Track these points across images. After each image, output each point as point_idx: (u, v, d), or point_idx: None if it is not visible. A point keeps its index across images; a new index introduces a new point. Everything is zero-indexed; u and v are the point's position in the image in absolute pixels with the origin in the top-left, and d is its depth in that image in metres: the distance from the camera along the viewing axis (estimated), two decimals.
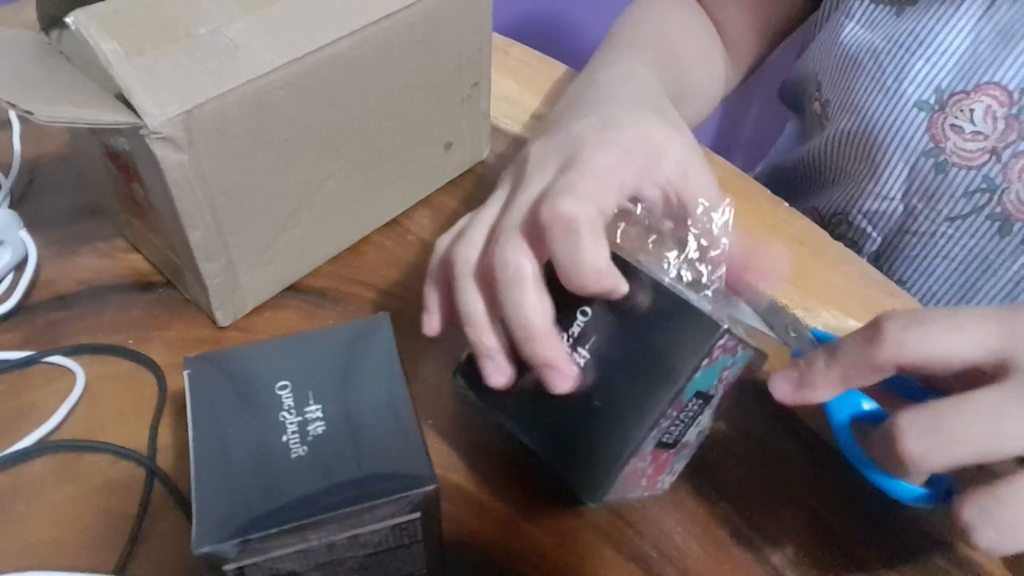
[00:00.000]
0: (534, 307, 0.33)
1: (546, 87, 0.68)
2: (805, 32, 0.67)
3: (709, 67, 0.62)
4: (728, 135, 1.56)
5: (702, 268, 0.36)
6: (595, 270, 0.32)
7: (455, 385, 0.39)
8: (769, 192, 0.58)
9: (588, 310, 0.35)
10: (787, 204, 0.57)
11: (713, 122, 1.54)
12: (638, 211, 0.36)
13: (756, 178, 0.62)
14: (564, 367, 0.33)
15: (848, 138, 0.59)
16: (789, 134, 0.77)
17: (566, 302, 0.35)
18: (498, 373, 0.35)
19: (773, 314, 0.37)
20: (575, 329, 0.35)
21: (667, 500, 0.41)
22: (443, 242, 0.40)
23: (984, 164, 0.52)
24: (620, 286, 0.33)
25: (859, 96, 0.56)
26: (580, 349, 0.35)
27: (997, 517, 0.29)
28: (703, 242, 0.35)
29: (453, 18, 0.51)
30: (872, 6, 0.56)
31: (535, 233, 0.34)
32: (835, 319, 0.50)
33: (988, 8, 0.50)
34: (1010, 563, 0.39)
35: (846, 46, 0.57)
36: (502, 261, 0.34)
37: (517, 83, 0.67)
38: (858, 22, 0.57)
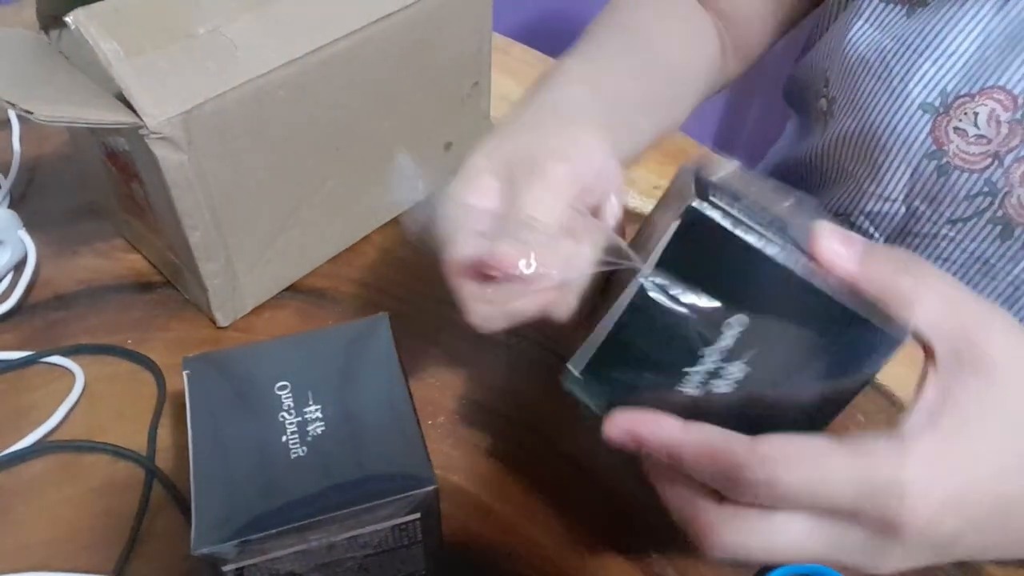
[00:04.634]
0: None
1: None
2: (809, 29, 0.67)
3: (693, 50, 0.61)
4: (729, 134, 1.56)
5: None
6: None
7: (568, 383, 0.33)
8: None
9: (742, 319, 0.29)
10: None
11: (714, 122, 1.54)
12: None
13: None
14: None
15: (851, 138, 0.59)
16: (789, 135, 0.77)
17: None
18: None
19: None
20: (724, 343, 0.30)
21: None
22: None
23: (986, 168, 0.52)
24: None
25: (864, 96, 0.56)
26: (735, 363, 0.30)
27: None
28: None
29: (453, 18, 0.51)
30: (882, 6, 0.56)
31: None
32: None
33: (998, 11, 0.50)
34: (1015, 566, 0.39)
35: (855, 45, 0.57)
36: None
37: (517, 83, 0.67)
38: (867, 21, 0.56)
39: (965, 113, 0.51)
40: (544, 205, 0.33)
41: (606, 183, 0.36)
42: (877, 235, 0.60)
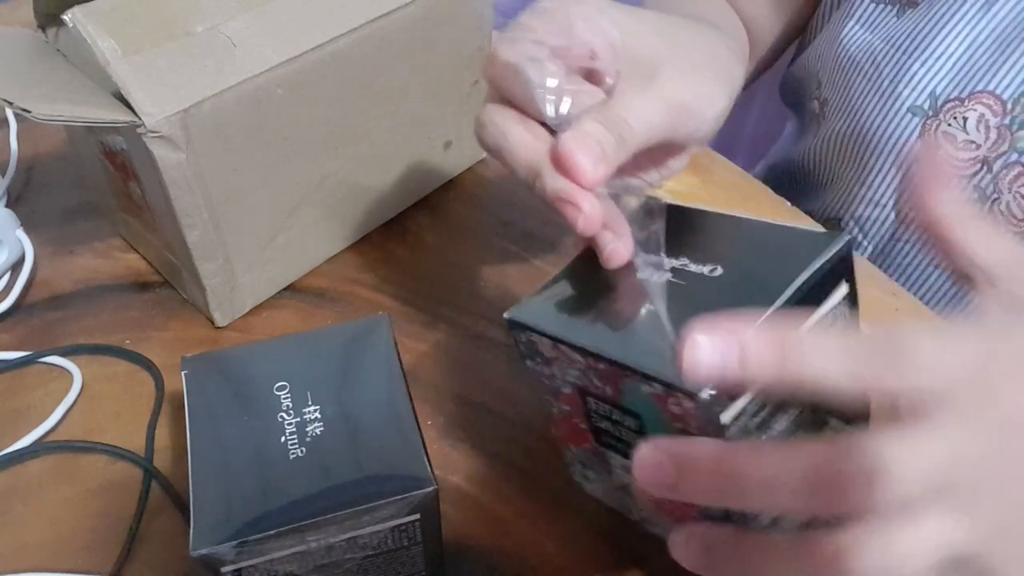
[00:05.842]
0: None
1: None
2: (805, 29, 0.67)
3: (739, 40, 0.61)
4: (729, 134, 1.55)
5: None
6: None
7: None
8: (771, 192, 0.57)
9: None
10: (789, 204, 0.57)
11: None
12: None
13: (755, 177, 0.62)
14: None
15: (842, 140, 0.58)
16: (788, 135, 0.77)
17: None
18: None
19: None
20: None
21: None
22: None
23: (976, 174, 0.51)
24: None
25: (855, 98, 0.56)
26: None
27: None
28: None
29: (453, 16, 0.51)
30: (873, 6, 0.56)
31: None
32: None
33: (986, 14, 0.50)
34: None
35: (846, 46, 0.56)
36: None
37: None
38: (858, 22, 0.56)
39: (954, 117, 0.51)
40: (642, 120, 0.33)
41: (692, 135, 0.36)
42: (866, 243, 0.60)
